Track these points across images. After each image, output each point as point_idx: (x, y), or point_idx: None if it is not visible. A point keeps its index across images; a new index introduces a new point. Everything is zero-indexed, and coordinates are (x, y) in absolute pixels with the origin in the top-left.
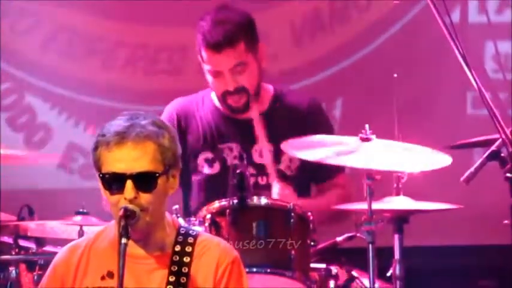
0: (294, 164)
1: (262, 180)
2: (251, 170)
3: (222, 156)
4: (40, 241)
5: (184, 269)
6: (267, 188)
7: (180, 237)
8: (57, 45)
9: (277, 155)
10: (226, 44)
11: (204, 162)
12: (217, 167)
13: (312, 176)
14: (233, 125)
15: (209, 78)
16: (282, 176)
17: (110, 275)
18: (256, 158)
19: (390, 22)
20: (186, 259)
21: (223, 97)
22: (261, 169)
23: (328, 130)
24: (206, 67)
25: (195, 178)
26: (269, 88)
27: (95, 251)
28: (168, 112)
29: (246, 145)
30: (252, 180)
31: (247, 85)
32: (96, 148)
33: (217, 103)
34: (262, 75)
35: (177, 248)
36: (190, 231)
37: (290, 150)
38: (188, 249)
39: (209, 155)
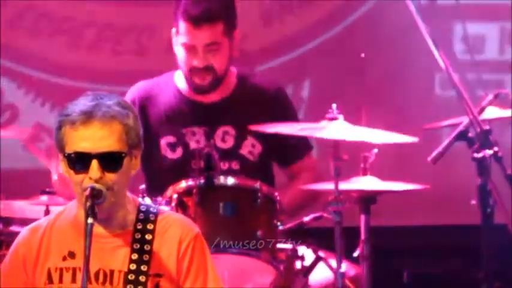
0: (256, 149)
1: (224, 166)
2: None
3: (185, 140)
4: (6, 220)
5: (147, 247)
6: (229, 173)
7: (141, 214)
8: (23, 25)
9: (239, 139)
10: (206, 20)
11: (167, 147)
12: (179, 151)
13: (279, 159)
14: (196, 109)
15: (180, 51)
16: (244, 162)
17: (71, 255)
18: (219, 143)
19: (359, 2)
20: (148, 236)
21: (190, 73)
22: (223, 154)
23: (294, 117)
24: (180, 39)
25: (157, 162)
26: (233, 71)
27: (56, 231)
28: (131, 95)
29: (209, 129)
30: None
31: (216, 66)
32: (60, 127)
33: (180, 86)
34: (231, 62)
35: (139, 226)
36: (151, 209)
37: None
38: (150, 226)
39: (171, 139)
